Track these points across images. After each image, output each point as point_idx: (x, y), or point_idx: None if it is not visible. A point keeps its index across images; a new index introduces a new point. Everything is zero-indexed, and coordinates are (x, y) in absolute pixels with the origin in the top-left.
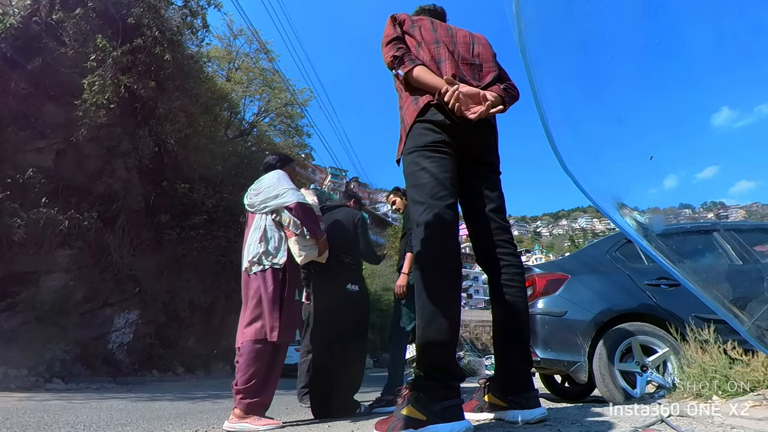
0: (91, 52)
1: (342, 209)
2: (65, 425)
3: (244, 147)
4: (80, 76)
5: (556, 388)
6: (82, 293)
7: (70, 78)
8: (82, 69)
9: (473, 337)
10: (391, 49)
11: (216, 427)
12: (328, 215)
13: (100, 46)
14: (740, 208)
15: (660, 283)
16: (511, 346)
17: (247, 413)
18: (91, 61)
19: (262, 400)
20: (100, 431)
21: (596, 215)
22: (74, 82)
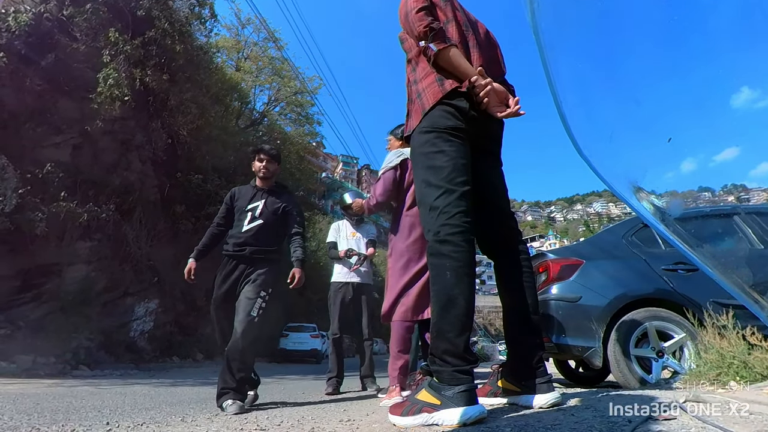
0: (103, 47)
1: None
2: (92, 409)
3: (256, 136)
4: (93, 71)
5: (570, 373)
6: (103, 283)
7: (83, 73)
8: (94, 64)
9: (486, 322)
10: (423, 18)
11: None
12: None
13: (113, 40)
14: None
15: (677, 268)
16: (523, 332)
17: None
18: (105, 55)
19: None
20: (126, 415)
21: (612, 200)
22: (87, 77)
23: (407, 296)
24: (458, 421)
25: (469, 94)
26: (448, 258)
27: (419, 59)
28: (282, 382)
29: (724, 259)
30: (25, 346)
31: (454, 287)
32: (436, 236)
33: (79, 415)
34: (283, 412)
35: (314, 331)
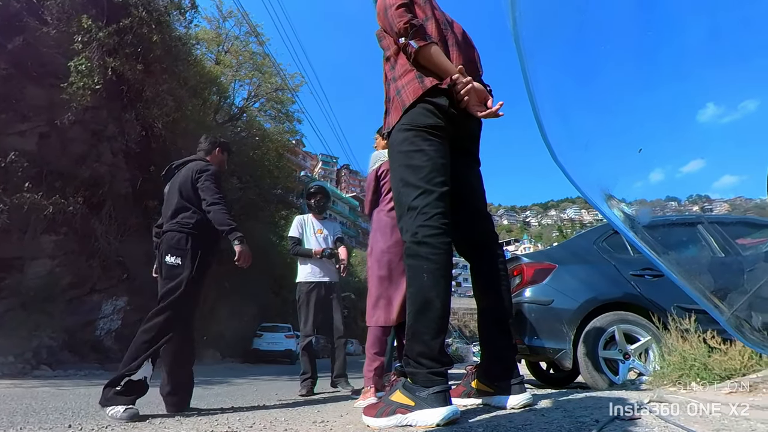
0: (75, 33)
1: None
2: (53, 411)
3: (234, 132)
4: (64, 57)
5: (541, 375)
6: (69, 279)
7: (53, 58)
8: (66, 50)
9: (461, 324)
10: (403, 15)
11: (205, 411)
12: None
13: (86, 26)
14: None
15: (644, 273)
16: (497, 333)
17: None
18: (77, 42)
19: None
20: (90, 417)
21: (585, 206)
22: (58, 63)
23: (390, 299)
24: (432, 422)
25: (450, 92)
26: (425, 260)
27: (398, 56)
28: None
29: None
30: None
31: (430, 290)
32: (413, 237)
33: (39, 417)
34: (255, 414)
35: (289, 331)
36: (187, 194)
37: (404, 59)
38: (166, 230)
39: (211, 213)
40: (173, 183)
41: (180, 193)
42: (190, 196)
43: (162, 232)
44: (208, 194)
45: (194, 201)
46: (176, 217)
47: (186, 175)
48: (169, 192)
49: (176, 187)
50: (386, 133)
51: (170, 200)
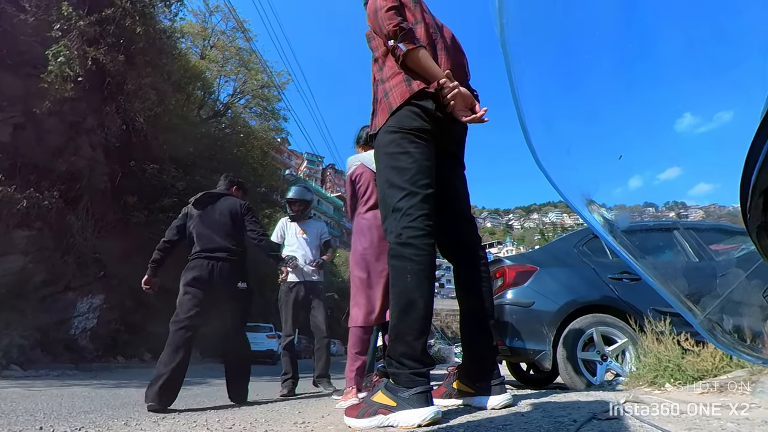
0: (54, 21)
1: (228, 199)
2: (24, 413)
3: (218, 129)
4: (42, 46)
5: (521, 375)
6: (42, 276)
7: (31, 47)
8: (44, 38)
9: (444, 325)
10: (393, 18)
11: (183, 413)
12: (211, 207)
13: (65, 14)
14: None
15: (622, 277)
16: (478, 335)
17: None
18: (56, 30)
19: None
20: (62, 419)
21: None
22: (35, 52)
23: (370, 299)
24: (413, 423)
25: (436, 96)
26: (409, 261)
27: (386, 58)
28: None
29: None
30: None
31: (414, 290)
32: (398, 238)
33: (8, 419)
34: (235, 414)
35: (270, 331)
36: (237, 225)
37: (393, 61)
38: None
39: (264, 242)
40: (213, 211)
41: (233, 224)
42: (239, 228)
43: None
44: (256, 227)
45: (241, 232)
46: (228, 242)
47: (234, 209)
48: (208, 218)
49: (226, 218)
50: (371, 135)
51: (216, 227)
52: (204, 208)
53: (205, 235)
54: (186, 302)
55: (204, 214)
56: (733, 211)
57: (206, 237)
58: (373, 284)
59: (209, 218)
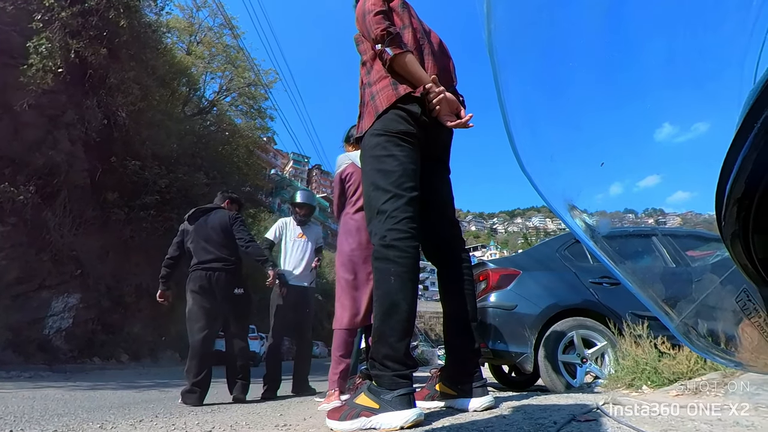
0: (35, 11)
1: (218, 212)
2: None
3: (203, 126)
4: (21, 36)
5: (503, 378)
6: (15, 274)
7: (9, 36)
8: (23, 28)
9: (427, 327)
10: (381, 22)
11: (162, 416)
12: (203, 219)
13: (47, 4)
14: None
15: (602, 281)
16: (461, 337)
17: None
18: (36, 21)
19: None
20: (34, 422)
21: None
22: (13, 42)
23: (356, 301)
24: (396, 425)
25: (422, 100)
26: (393, 263)
27: (374, 62)
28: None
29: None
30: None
31: (397, 292)
32: (382, 240)
33: None
34: (215, 417)
35: (253, 332)
36: (228, 236)
37: (380, 65)
38: (219, 268)
39: (250, 248)
40: (206, 224)
41: (224, 235)
42: (231, 238)
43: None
44: (244, 234)
45: (233, 241)
46: (223, 253)
47: (224, 220)
48: (202, 232)
49: (217, 230)
50: (357, 137)
51: (210, 240)
52: (196, 222)
53: (200, 249)
54: (195, 313)
55: (198, 228)
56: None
57: (201, 250)
58: (359, 286)
59: (203, 232)
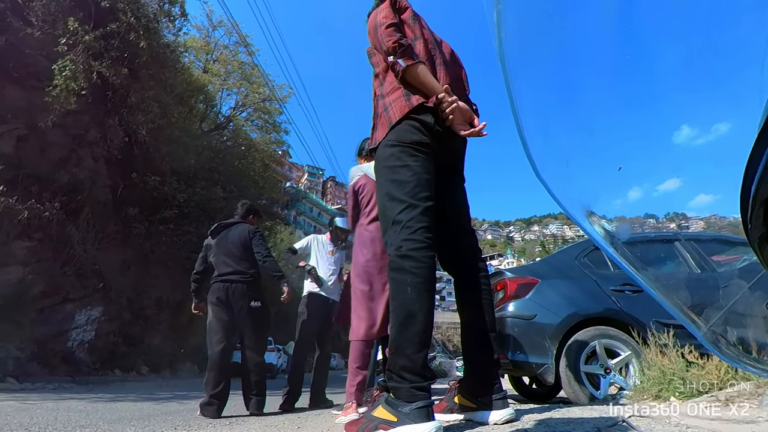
0: (60, 35)
1: (239, 226)
2: (18, 427)
3: (220, 141)
4: (47, 60)
5: (523, 390)
6: (41, 288)
7: (36, 60)
8: (49, 52)
9: (445, 338)
10: (393, 34)
11: (181, 428)
12: (224, 233)
13: (71, 29)
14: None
15: (624, 288)
16: (480, 348)
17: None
18: (62, 44)
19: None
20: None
21: (567, 222)
22: (40, 65)
23: (372, 312)
24: None
25: (435, 110)
26: (409, 273)
27: (386, 74)
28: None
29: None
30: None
31: (414, 303)
32: (398, 251)
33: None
34: (233, 430)
35: (270, 344)
36: (248, 250)
37: (392, 77)
38: (237, 280)
39: (267, 263)
40: (227, 239)
41: (243, 249)
42: (250, 252)
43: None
44: (261, 249)
45: (252, 255)
46: (241, 266)
47: (244, 234)
48: (222, 246)
49: (237, 244)
50: (372, 148)
51: (230, 254)
52: (217, 236)
53: (220, 262)
54: (213, 325)
55: (219, 242)
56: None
57: (221, 263)
58: (375, 297)
59: (224, 246)
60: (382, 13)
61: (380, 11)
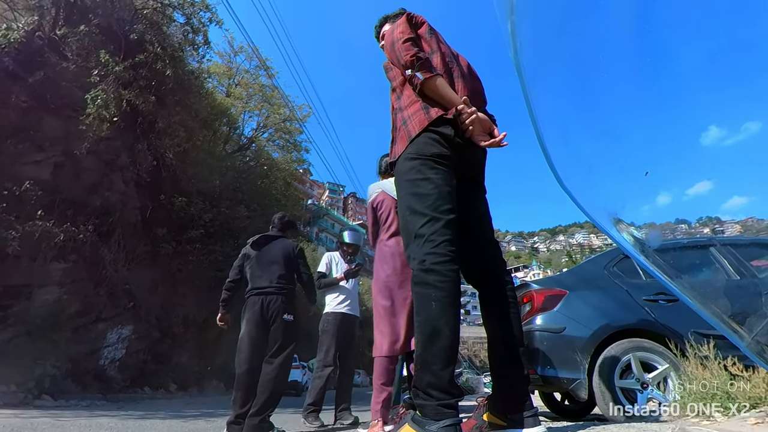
0: (93, 67)
1: (282, 240)
2: None
3: (243, 162)
4: (81, 90)
5: (555, 406)
6: (75, 307)
7: (71, 92)
8: (83, 83)
9: (471, 354)
10: (410, 48)
11: None
12: (266, 248)
13: (103, 61)
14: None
15: (658, 298)
16: (508, 364)
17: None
18: (94, 76)
19: None
20: None
21: (593, 231)
22: (75, 96)
23: (395, 328)
24: None
25: (455, 122)
26: (433, 288)
27: (404, 88)
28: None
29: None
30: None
31: (439, 318)
32: (421, 265)
33: None
34: None
35: (295, 361)
36: (289, 266)
37: (410, 90)
38: (274, 291)
39: (307, 284)
40: (268, 252)
41: (285, 264)
42: (291, 268)
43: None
44: (305, 269)
45: (292, 272)
46: (280, 280)
47: (288, 250)
48: (263, 259)
49: (278, 258)
50: (392, 162)
51: (270, 267)
52: (260, 249)
53: (257, 275)
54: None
55: (260, 254)
56: None
57: (258, 277)
58: (397, 312)
59: (264, 259)
60: (399, 29)
61: (397, 27)
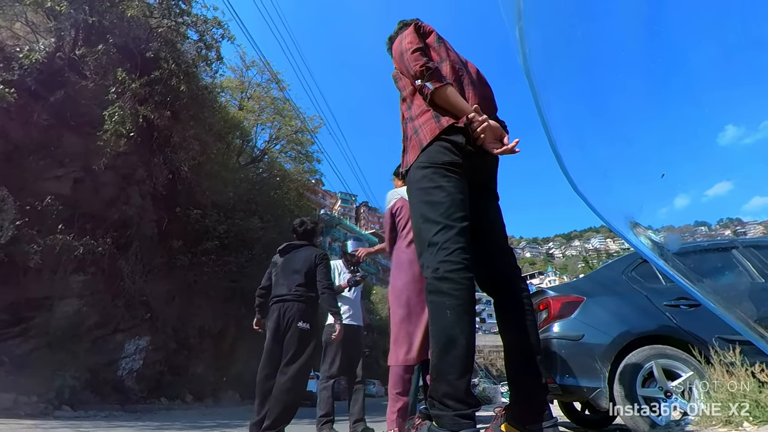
0: (110, 85)
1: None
2: None
3: (256, 173)
4: (100, 108)
5: (575, 416)
6: (95, 319)
7: (90, 109)
8: (102, 101)
9: (488, 363)
10: (419, 58)
11: None
12: (292, 256)
13: (120, 78)
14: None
15: (679, 303)
16: (525, 373)
17: None
18: (111, 93)
19: None
20: None
21: (609, 235)
22: (94, 113)
23: (411, 337)
24: None
25: (466, 130)
26: (447, 296)
27: (414, 97)
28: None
29: (725, 294)
30: (7, 383)
31: (454, 327)
32: (435, 273)
33: None
34: None
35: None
36: (309, 274)
37: (420, 99)
38: (291, 299)
39: (325, 295)
40: (293, 260)
41: (306, 272)
42: (312, 276)
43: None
44: (324, 279)
45: (313, 280)
46: (299, 288)
47: (309, 258)
48: (287, 267)
49: (300, 266)
50: (404, 172)
51: (291, 275)
52: (286, 256)
53: (280, 284)
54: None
55: (285, 262)
56: None
57: (280, 285)
58: (413, 320)
59: (288, 267)
60: (407, 39)
61: (405, 37)
